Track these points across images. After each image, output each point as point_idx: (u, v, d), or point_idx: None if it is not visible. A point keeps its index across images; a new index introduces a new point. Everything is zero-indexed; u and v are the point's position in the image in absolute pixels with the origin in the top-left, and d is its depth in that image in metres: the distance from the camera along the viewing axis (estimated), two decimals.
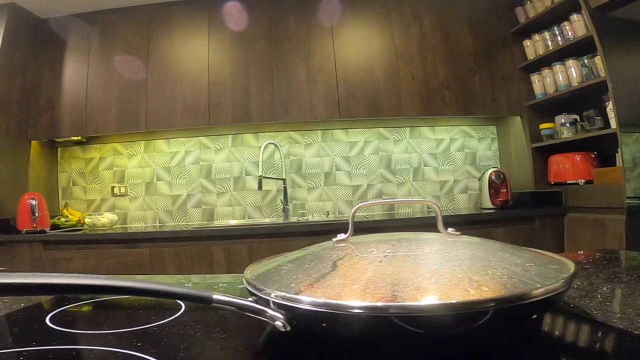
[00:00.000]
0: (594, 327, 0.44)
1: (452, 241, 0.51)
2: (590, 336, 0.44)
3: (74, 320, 0.57)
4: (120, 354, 0.41)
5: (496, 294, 0.36)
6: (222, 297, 0.40)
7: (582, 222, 2.13)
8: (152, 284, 0.37)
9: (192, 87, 2.53)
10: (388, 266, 0.42)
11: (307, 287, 0.40)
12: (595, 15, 1.97)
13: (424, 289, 0.37)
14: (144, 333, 0.48)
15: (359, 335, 0.37)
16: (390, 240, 0.51)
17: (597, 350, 0.41)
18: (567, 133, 2.31)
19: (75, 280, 0.35)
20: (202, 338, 0.47)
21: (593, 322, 0.45)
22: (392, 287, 0.37)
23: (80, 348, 0.44)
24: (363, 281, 0.39)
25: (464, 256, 0.44)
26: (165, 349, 0.43)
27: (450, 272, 0.40)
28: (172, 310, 0.57)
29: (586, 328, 0.45)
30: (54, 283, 0.34)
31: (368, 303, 0.34)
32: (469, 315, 0.35)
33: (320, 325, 0.38)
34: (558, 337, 0.44)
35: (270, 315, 0.40)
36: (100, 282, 0.35)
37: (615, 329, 0.42)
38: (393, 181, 2.77)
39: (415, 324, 0.34)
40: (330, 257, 0.47)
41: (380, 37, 2.57)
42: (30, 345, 0.44)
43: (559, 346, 0.42)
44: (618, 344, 0.41)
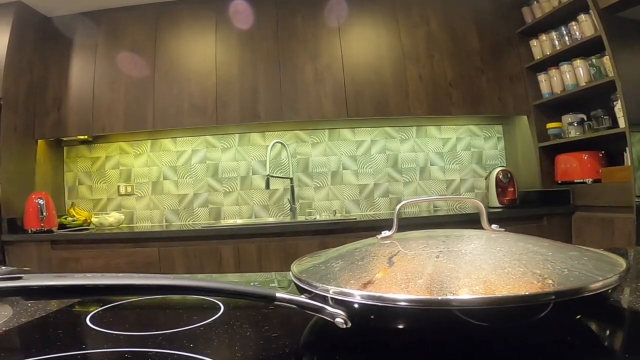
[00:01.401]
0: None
1: (500, 237, 0.52)
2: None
3: (115, 322, 0.57)
4: (177, 356, 0.41)
5: (562, 286, 0.37)
6: (285, 295, 0.41)
7: (590, 220, 2.14)
8: (218, 283, 0.38)
9: (200, 86, 2.53)
10: (447, 261, 0.42)
11: (370, 283, 0.40)
12: (604, 15, 1.98)
13: (491, 282, 0.37)
14: (191, 334, 0.48)
15: (429, 329, 0.37)
16: (437, 237, 0.52)
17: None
18: (574, 132, 2.32)
19: (142, 280, 0.35)
20: (254, 337, 0.47)
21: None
22: (459, 281, 0.38)
23: (134, 350, 0.44)
24: (426, 276, 0.40)
25: (518, 251, 0.45)
26: (220, 349, 0.43)
27: (510, 266, 0.40)
28: (212, 310, 0.57)
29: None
30: (124, 284, 0.33)
31: (454, 297, 0.34)
32: (543, 307, 0.35)
33: (386, 321, 0.38)
34: (609, 328, 0.45)
35: (330, 312, 0.41)
36: (167, 282, 0.35)
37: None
38: (400, 180, 2.77)
39: (495, 317, 0.34)
40: (383, 253, 0.47)
41: (388, 37, 2.57)
42: (81, 348, 0.43)
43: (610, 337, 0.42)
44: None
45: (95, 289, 0.30)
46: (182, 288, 0.34)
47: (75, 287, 0.29)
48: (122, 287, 0.32)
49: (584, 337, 0.42)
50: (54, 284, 0.29)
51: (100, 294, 0.29)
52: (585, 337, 0.42)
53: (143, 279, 0.32)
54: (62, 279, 0.30)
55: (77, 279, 0.30)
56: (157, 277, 0.34)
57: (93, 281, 0.30)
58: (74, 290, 0.30)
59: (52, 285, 0.29)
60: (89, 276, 0.32)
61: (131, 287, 0.32)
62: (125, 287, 0.32)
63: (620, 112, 2.01)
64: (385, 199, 2.76)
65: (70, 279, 0.30)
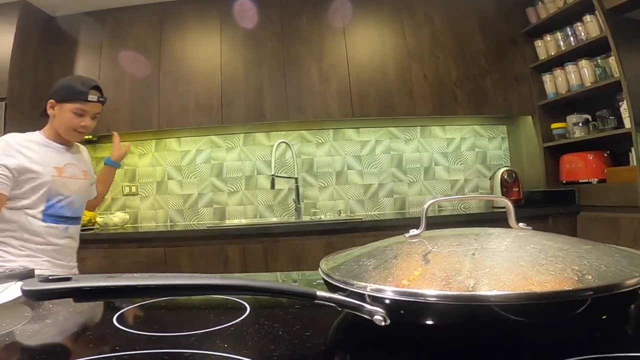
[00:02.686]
0: None
1: (529, 234, 0.52)
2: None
3: (142, 322, 0.56)
4: (215, 357, 0.40)
5: (602, 281, 0.37)
6: (325, 294, 0.41)
7: (595, 220, 2.15)
8: (266, 283, 0.38)
9: (205, 86, 2.53)
10: (484, 258, 0.42)
11: (409, 280, 0.40)
12: (610, 16, 1.99)
13: (531, 278, 0.38)
14: (223, 333, 0.48)
15: (469, 325, 0.37)
16: (468, 235, 0.52)
17: None
18: (579, 132, 2.33)
19: (191, 280, 0.35)
20: (287, 336, 0.46)
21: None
22: (500, 277, 0.38)
23: (171, 352, 0.43)
24: (466, 273, 0.40)
25: (553, 248, 0.45)
26: (255, 349, 0.43)
27: (548, 262, 0.41)
28: (238, 310, 0.57)
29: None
30: (173, 284, 0.33)
31: (502, 292, 0.34)
32: (583, 302, 0.35)
33: (426, 318, 0.38)
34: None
35: (368, 310, 0.41)
36: (216, 281, 0.35)
37: None
38: (404, 180, 2.78)
39: (540, 312, 0.34)
40: (416, 251, 0.47)
41: (392, 37, 2.58)
42: (114, 350, 0.43)
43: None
44: None
45: (146, 289, 0.30)
46: (232, 287, 0.34)
47: (126, 287, 0.29)
48: (172, 287, 0.32)
49: (615, 333, 0.42)
50: (107, 284, 0.29)
51: (150, 294, 0.29)
52: (615, 332, 0.43)
53: (191, 278, 0.32)
54: (113, 279, 0.30)
55: (128, 280, 0.30)
56: (205, 277, 0.34)
57: (143, 281, 0.31)
58: (125, 291, 0.30)
59: (104, 286, 0.29)
60: (138, 276, 0.32)
61: (180, 287, 0.32)
62: (174, 287, 0.32)
63: (625, 112, 2.01)
64: (389, 199, 2.77)
65: (121, 279, 0.30)
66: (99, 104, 1.38)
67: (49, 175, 1.33)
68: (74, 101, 1.33)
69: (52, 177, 1.34)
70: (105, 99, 1.40)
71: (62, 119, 1.34)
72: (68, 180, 1.39)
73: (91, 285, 0.28)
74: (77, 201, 1.44)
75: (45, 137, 1.39)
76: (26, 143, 1.33)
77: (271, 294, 0.38)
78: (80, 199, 1.46)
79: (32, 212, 1.32)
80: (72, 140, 1.42)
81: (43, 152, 1.35)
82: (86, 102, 1.34)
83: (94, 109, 1.37)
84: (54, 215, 1.36)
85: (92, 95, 1.35)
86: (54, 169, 1.36)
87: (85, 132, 1.38)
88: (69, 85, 1.35)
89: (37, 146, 1.35)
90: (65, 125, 1.35)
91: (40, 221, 1.33)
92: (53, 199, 1.35)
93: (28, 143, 1.33)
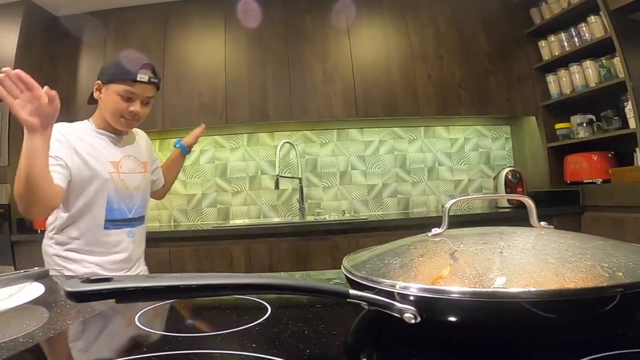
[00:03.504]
0: None
1: (552, 233, 0.52)
2: None
3: (164, 323, 0.56)
4: (245, 357, 0.40)
5: (633, 278, 0.37)
6: (357, 292, 0.41)
7: (600, 220, 2.15)
8: (304, 282, 0.38)
9: (209, 86, 2.52)
10: (513, 256, 0.42)
11: (440, 278, 0.40)
12: (615, 17, 2.00)
13: (563, 275, 0.38)
14: (248, 333, 0.47)
15: (501, 322, 0.37)
16: (492, 234, 0.52)
17: None
18: (584, 133, 2.33)
19: (231, 280, 0.35)
20: (313, 335, 0.46)
21: None
22: (532, 274, 0.38)
23: (200, 352, 0.43)
24: (496, 271, 0.40)
25: (579, 246, 0.45)
26: (284, 349, 0.42)
27: (577, 259, 0.41)
28: (260, 310, 0.56)
29: None
30: (215, 284, 0.33)
31: (541, 289, 0.34)
32: (613, 298, 0.35)
33: (461, 315, 0.38)
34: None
35: (398, 308, 0.41)
36: (255, 281, 0.35)
37: None
38: (408, 180, 2.78)
39: (574, 308, 0.35)
40: (442, 250, 0.47)
41: (396, 37, 2.58)
42: (142, 352, 0.42)
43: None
44: None
45: (187, 289, 0.30)
46: (273, 287, 0.34)
47: (170, 287, 0.29)
48: (214, 286, 0.32)
49: (637, 330, 0.42)
50: (151, 285, 0.29)
51: (192, 293, 0.29)
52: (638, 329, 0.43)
53: (232, 278, 0.32)
54: (155, 280, 0.30)
55: (170, 280, 0.30)
56: (244, 277, 0.34)
57: (185, 282, 0.30)
58: (168, 291, 0.30)
59: (148, 287, 0.28)
60: (178, 276, 0.32)
61: (222, 287, 0.32)
62: (216, 286, 0.32)
63: (630, 112, 2.02)
64: (393, 199, 2.77)
65: (162, 279, 0.30)
66: (150, 85, 1.16)
67: (106, 172, 1.16)
68: (120, 81, 1.12)
69: (110, 175, 1.16)
70: (158, 80, 1.19)
71: (108, 102, 1.15)
72: (127, 177, 1.20)
73: (135, 286, 0.28)
74: (139, 199, 1.25)
75: (96, 126, 1.20)
76: (78, 134, 1.15)
77: (308, 292, 0.38)
78: (143, 195, 1.27)
79: (93, 218, 1.15)
80: (122, 129, 1.20)
81: (95, 144, 1.16)
82: (134, 82, 1.12)
83: (144, 91, 1.15)
84: (116, 221, 1.19)
85: (142, 74, 1.13)
86: (110, 164, 1.17)
87: (134, 120, 1.17)
88: (116, 62, 1.15)
89: (89, 138, 1.16)
90: (111, 110, 1.15)
91: (102, 229, 1.17)
92: (113, 201, 1.17)
93: (79, 134, 1.15)
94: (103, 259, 1.19)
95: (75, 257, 1.17)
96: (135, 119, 1.18)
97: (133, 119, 1.17)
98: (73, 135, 1.14)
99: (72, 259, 1.17)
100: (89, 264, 1.17)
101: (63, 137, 1.11)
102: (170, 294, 0.30)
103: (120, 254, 1.21)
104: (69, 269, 1.17)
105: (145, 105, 1.19)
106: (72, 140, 1.12)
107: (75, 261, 1.16)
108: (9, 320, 0.55)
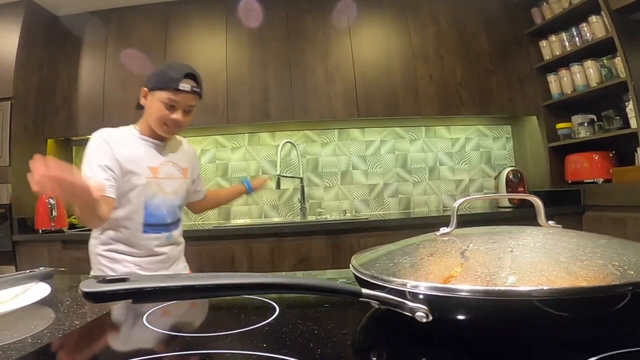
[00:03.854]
0: None
1: (561, 232, 0.52)
2: None
3: (172, 323, 0.56)
4: (257, 357, 0.40)
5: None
6: (370, 292, 0.41)
7: (601, 220, 2.16)
8: (318, 281, 0.38)
9: (210, 86, 2.51)
10: (523, 255, 0.42)
11: (451, 277, 0.40)
12: (616, 16, 2.00)
13: (575, 273, 0.38)
14: (258, 333, 0.47)
15: (513, 320, 0.37)
16: (500, 233, 0.52)
17: None
18: (585, 133, 2.33)
19: (249, 279, 0.35)
20: (323, 334, 0.46)
21: None
22: (544, 272, 0.38)
23: (211, 352, 0.43)
24: (508, 269, 0.40)
25: (589, 244, 0.45)
26: (295, 348, 0.42)
27: (588, 258, 0.41)
28: (267, 310, 0.56)
29: None
30: (233, 283, 0.33)
31: (555, 287, 0.34)
32: (624, 297, 0.35)
33: (473, 313, 0.38)
34: None
35: (410, 307, 0.41)
36: (273, 280, 0.35)
37: None
38: (409, 180, 2.78)
39: (587, 306, 0.35)
40: (452, 249, 0.47)
41: (398, 37, 2.58)
42: (153, 352, 0.42)
43: None
44: None
45: (204, 288, 0.30)
46: (288, 286, 0.34)
47: (187, 287, 0.29)
48: (232, 286, 0.32)
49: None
50: (169, 285, 0.29)
51: (208, 293, 0.29)
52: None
53: (249, 277, 0.32)
54: (173, 279, 0.30)
55: (188, 280, 0.30)
56: (260, 276, 0.34)
57: (202, 281, 0.30)
58: (186, 291, 0.30)
59: (166, 287, 0.28)
60: (194, 276, 0.32)
61: (240, 286, 0.32)
62: (234, 286, 0.32)
63: (632, 112, 2.02)
64: (394, 199, 2.77)
65: (180, 279, 0.30)
66: (192, 95, 1.19)
67: (143, 178, 1.19)
68: (164, 89, 1.16)
69: (147, 179, 1.20)
70: (200, 90, 1.21)
71: (152, 109, 1.18)
72: (164, 181, 1.24)
73: (152, 286, 0.28)
74: (176, 203, 1.28)
75: (140, 131, 1.24)
76: (121, 139, 1.19)
77: (322, 292, 0.38)
78: (180, 200, 1.30)
79: (132, 223, 1.19)
80: (164, 135, 1.23)
81: (137, 149, 1.20)
82: (177, 91, 1.15)
83: (186, 100, 1.18)
84: (154, 225, 1.22)
85: (185, 84, 1.16)
86: (148, 169, 1.21)
87: (176, 128, 1.20)
88: (162, 71, 1.19)
89: (131, 143, 1.20)
90: (154, 117, 1.18)
91: (141, 233, 1.20)
92: (150, 205, 1.21)
93: (123, 139, 1.19)
94: (142, 259, 1.22)
95: (117, 257, 1.20)
96: (177, 127, 1.20)
97: (175, 126, 1.20)
98: (114, 141, 1.17)
99: (113, 258, 1.20)
100: (129, 264, 1.20)
101: (105, 143, 1.15)
102: (187, 293, 0.30)
103: (159, 256, 1.24)
104: (111, 268, 1.20)
105: (187, 114, 1.21)
106: (113, 146, 1.16)
107: (117, 261, 1.20)
108: (16, 320, 0.54)
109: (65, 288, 0.77)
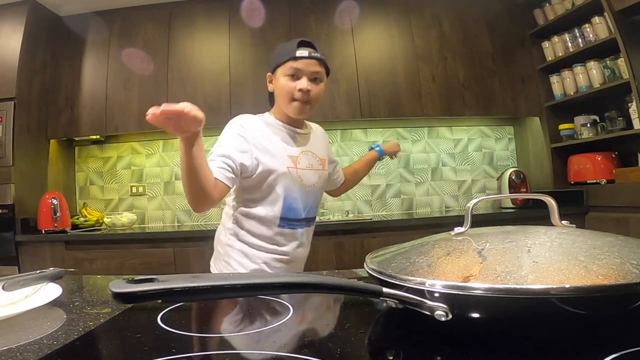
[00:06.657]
0: None
1: (574, 231, 0.52)
2: None
3: (188, 324, 0.55)
4: (277, 357, 0.40)
5: None
6: (390, 291, 0.41)
7: (604, 221, 2.16)
8: (340, 280, 0.38)
9: (213, 86, 2.52)
10: (541, 254, 0.43)
11: (471, 276, 0.40)
12: (619, 18, 2.00)
13: (595, 272, 0.38)
14: (275, 333, 0.47)
15: (534, 318, 0.37)
16: (515, 232, 0.52)
17: None
18: (587, 133, 2.33)
19: (274, 279, 0.35)
20: (341, 334, 0.46)
21: None
22: (563, 270, 0.38)
23: (230, 352, 0.43)
24: (527, 268, 0.40)
25: (605, 243, 0.45)
26: (315, 348, 0.42)
27: (605, 257, 0.41)
28: (281, 309, 0.56)
29: None
30: (259, 283, 0.33)
31: (577, 285, 0.34)
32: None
33: (494, 311, 0.38)
34: None
35: (429, 305, 0.41)
36: (299, 279, 0.35)
37: None
38: (412, 181, 2.78)
39: (607, 304, 0.35)
40: (469, 248, 0.47)
41: (401, 38, 2.58)
42: (171, 353, 0.41)
43: None
44: None
45: (232, 288, 0.30)
46: (311, 285, 0.34)
47: (216, 287, 0.29)
48: (256, 285, 0.32)
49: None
50: (199, 285, 0.29)
51: (236, 293, 0.29)
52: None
53: (275, 277, 0.32)
54: (201, 279, 0.30)
55: (213, 280, 0.30)
56: (285, 276, 0.34)
57: (229, 281, 0.30)
58: (214, 291, 0.29)
59: (196, 287, 0.28)
60: (222, 276, 0.32)
61: (263, 286, 0.32)
62: (258, 285, 0.32)
63: (635, 113, 2.02)
64: (397, 200, 2.77)
65: (208, 279, 0.30)
66: (312, 60, 1.10)
67: (284, 167, 1.12)
68: (282, 64, 1.11)
69: (287, 169, 1.12)
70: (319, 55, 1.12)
71: (279, 88, 1.13)
72: (304, 172, 1.15)
73: (182, 286, 0.28)
74: (313, 198, 1.19)
75: (275, 118, 1.18)
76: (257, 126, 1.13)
77: (343, 291, 0.38)
78: (318, 194, 1.22)
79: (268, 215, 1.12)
80: (294, 115, 1.14)
81: (273, 139, 1.14)
82: (295, 59, 1.09)
83: (308, 66, 1.10)
84: (290, 220, 1.15)
85: (301, 50, 1.10)
86: (289, 158, 1.13)
87: (306, 101, 1.11)
88: (276, 50, 1.16)
89: (269, 130, 1.14)
90: (282, 96, 1.12)
91: (275, 226, 1.13)
92: (289, 197, 1.13)
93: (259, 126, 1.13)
94: (271, 256, 1.15)
95: (247, 251, 1.14)
96: (307, 101, 1.12)
97: (304, 100, 1.11)
98: (252, 128, 1.12)
99: (243, 252, 1.15)
100: (258, 260, 1.15)
101: (243, 130, 1.10)
102: (215, 293, 0.30)
103: (287, 256, 1.18)
104: (238, 262, 1.15)
105: (314, 82, 1.12)
106: (251, 133, 1.10)
107: (247, 255, 1.14)
108: (28, 321, 0.54)
109: (74, 289, 0.77)
